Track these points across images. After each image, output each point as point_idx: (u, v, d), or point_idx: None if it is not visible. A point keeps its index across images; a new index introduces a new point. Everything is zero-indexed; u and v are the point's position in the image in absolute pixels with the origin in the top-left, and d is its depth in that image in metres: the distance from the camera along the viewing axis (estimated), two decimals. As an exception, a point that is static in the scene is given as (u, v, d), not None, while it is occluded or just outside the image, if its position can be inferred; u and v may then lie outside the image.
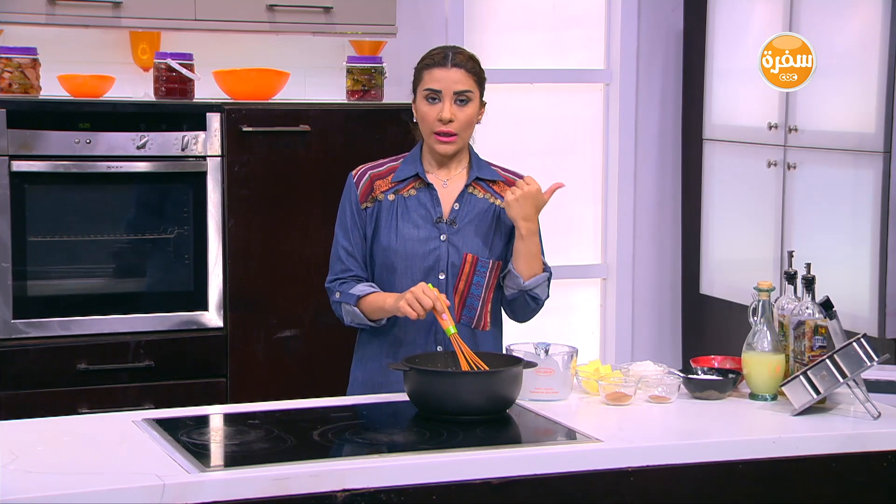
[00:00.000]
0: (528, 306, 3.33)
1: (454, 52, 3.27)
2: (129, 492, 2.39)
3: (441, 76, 3.24)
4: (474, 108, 3.27)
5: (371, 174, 3.32)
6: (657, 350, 5.61)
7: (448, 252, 3.27)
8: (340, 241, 3.32)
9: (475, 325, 3.29)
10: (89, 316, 4.28)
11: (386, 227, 3.27)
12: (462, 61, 3.26)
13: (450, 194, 3.31)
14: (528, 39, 5.46)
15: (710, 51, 5.16)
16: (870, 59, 4.32)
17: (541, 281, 3.30)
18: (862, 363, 2.93)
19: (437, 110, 3.24)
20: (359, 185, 3.31)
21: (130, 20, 4.42)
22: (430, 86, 3.25)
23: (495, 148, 5.22)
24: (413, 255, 3.26)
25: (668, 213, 5.64)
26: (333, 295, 3.31)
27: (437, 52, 3.29)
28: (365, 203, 3.29)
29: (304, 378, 4.41)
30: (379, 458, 2.63)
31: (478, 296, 3.28)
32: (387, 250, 3.27)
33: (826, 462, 2.85)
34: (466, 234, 3.28)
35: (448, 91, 3.23)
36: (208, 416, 3.08)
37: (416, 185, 3.31)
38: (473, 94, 3.26)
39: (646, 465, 2.73)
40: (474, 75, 3.27)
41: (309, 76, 4.88)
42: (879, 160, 4.31)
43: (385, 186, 3.30)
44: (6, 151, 4.16)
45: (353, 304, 3.24)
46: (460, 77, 3.24)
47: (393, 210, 3.28)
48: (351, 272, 3.29)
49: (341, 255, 3.31)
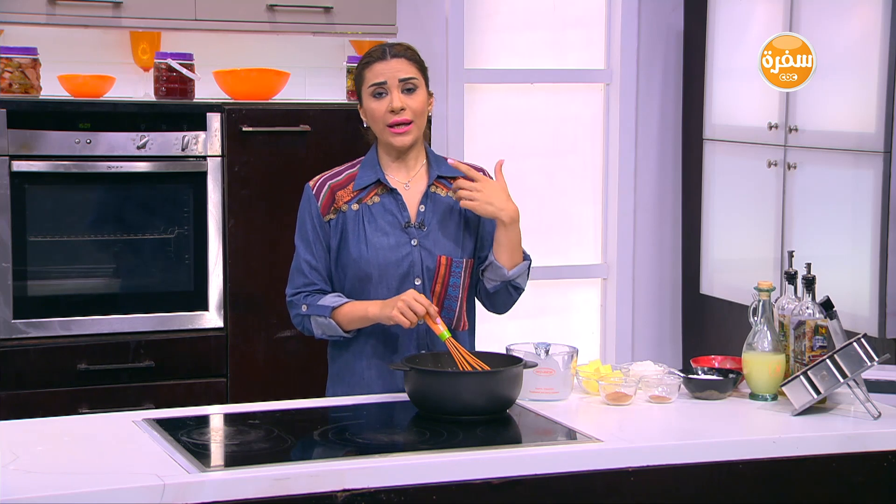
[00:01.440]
0: (510, 297, 3.30)
1: (390, 45, 3.25)
2: (129, 492, 2.39)
3: (382, 69, 3.21)
4: (423, 96, 3.23)
5: (330, 185, 3.26)
6: (657, 350, 5.61)
7: (421, 256, 3.22)
8: (302, 255, 3.25)
9: (454, 325, 3.25)
10: (89, 316, 4.28)
11: (354, 237, 3.21)
12: (401, 51, 3.23)
13: (414, 196, 3.26)
14: (528, 39, 5.46)
15: (710, 51, 5.15)
16: (870, 59, 4.32)
17: (523, 270, 3.26)
18: (862, 363, 2.93)
19: (386, 103, 3.20)
20: (319, 197, 3.24)
21: (130, 20, 4.42)
22: (374, 80, 3.21)
23: (495, 148, 5.27)
24: (386, 264, 3.20)
25: (668, 213, 5.64)
26: (298, 308, 3.24)
27: (374, 50, 3.26)
28: (328, 215, 3.23)
29: (304, 378, 4.40)
30: (379, 458, 2.62)
31: (455, 297, 3.24)
32: (358, 261, 3.21)
33: (826, 462, 2.85)
34: (436, 236, 3.24)
35: (393, 81, 3.20)
36: (208, 416, 3.08)
37: (379, 192, 3.25)
38: (419, 80, 3.23)
39: (646, 465, 2.73)
40: (415, 62, 3.24)
41: (309, 76, 4.88)
42: (879, 160, 4.30)
43: (347, 196, 3.24)
44: (6, 151, 4.16)
45: (327, 315, 3.19)
46: (402, 66, 3.21)
47: (359, 220, 3.22)
48: (315, 286, 3.24)
49: (304, 269, 3.24)
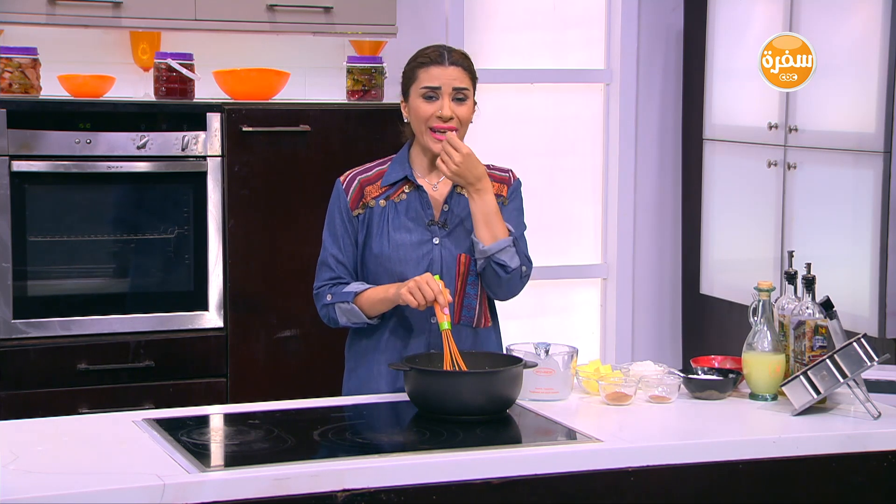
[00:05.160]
0: (497, 277, 3.22)
1: (449, 51, 3.25)
2: (129, 492, 2.39)
3: (439, 73, 3.22)
4: (470, 106, 3.25)
5: (360, 179, 3.28)
6: (657, 350, 5.61)
7: (441, 255, 3.24)
8: (329, 249, 3.28)
9: (476, 323, 3.27)
10: (89, 316, 4.28)
11: (378, 233, 3.24)
12: (459, 59, 3.24)
13: (440, 196, 3.28)
14: (528, 39, 5.46)
15: (710, 51, 5.15)
16: (870, 59, 4.32)
17: (502, 245, 3.19)
18: (862, 363, 2.93)
19: (435, 107, 3.21)
20: (348, 192, 3.27)
21: (130, 20, 4.42)
22: (429, 83, 3.21)
23: (496, 148, 5.27)
24: (406, 260, 3.22)
25: (668, 213, 5.64)
26: (324, 298, 3.27)
27: (433, 51, 3.26)
28: (356, 210, 3.26)
29: (304, 378, 4.41)
30: (379, 458, 2.62)
31: (474, 295, 3.26)
32: (379, 257, 3.24)
33: (826, 462, 2.85)
34: (458, 235, 3.25)
35: (447, 88, 3.21)
36: (208, 416, 3.08)
37: (407, 189, 3.27)
38: (469, 91, 3.25)
39: (646, 465, 2.73)
40: (470, 73, 3.26)
41: (309, 76, 4.88)
42: (879, 160, 4.30)
43: (376, 192, 3.26)
44: (6, 151, 4.16)
45: (350, 301, 3.21)
46: (458, 74, 3.22)
47: (384, 216, 3.24)
48: (342, 279, 3.26)
49: (330, 263, 3.27)
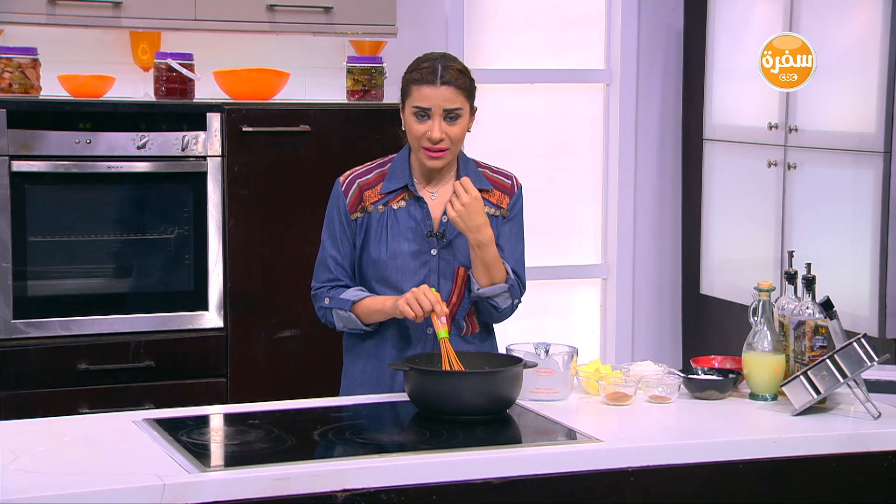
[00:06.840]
0: (489, 313, 3.27)
1: (443, 67, 3.13)
2: (129, 492, 2.39)
3: (430, 94, 3.12)
4: (464, 123, 3.16)
5: (360, 183, 3.24)
6: (657, 350, 5.61)
7: (439, 266, 3.23)
8: (328, 250, 3.26)
9: (464, 332, 3.28)
10: (89, 316, 4.28)
11: (376, 239, 3.22)
12: (452, 78, 3.12)
13: (439, 206, 3.24)
14: (528, 39, 5.46)
15: (710, 51, 5.15)
16: (870, 59, 4.32)
17: (498, 291, 3.21)
18: (862, 363, 2.94)
19: (425, 128, 3.13)
20: (347, 195, 3.24)
21: (130, 20, 4.42)
22: (419, 103, 3.12)
23: (496, 148, 5.27)
24: (404, 270, 3.21)
25: (668, 213, 5.64)
26: (321, 301, 3.27)
27: (426, 66, 3.15)
28: (355, 213, 3.23)
29: (304, 378, 4.41)
30: (379, 458, 2.62)
31: (467, 308, 3.26)
32: (377, 263, 3.23)
33: (826, 462, 2.85)
34: (456, 247, 3.23)
35: (437, 109, 3.12)
36: (208, 416, 3.08)
37: (406, 197, 3.24)
38: (463, 109, 3.14)
39: (646, 465, 2.73)
40: (464, 91, 3.14)
41: (309, 76, 4.88)
42: (879, 160, 4.30)
43: (374, 197, 3.23)
44: (6, 151, 4.16)
45: (347, 309, 3.21)
46: (450, 95, 3.12)
47: (383, 222, 3.22)
48: (340, 281, 3.25)
49: (329, 264, 3.26)
